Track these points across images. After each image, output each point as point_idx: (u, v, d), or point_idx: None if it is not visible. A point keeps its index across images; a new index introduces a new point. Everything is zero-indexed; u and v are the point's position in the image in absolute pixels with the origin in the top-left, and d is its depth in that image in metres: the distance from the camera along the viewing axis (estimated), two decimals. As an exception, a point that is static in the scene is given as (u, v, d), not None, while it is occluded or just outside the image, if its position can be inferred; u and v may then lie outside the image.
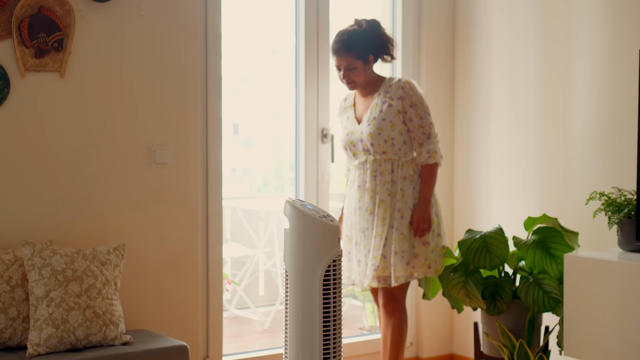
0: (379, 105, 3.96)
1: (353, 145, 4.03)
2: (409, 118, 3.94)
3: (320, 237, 2.38)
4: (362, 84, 4.01)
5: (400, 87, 3.95)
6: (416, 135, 3.95)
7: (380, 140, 3.93)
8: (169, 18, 4.05)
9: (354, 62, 3.96)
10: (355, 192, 4.03)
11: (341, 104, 4.21)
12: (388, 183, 3.94)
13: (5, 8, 3.66)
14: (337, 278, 2.37)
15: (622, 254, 3.67)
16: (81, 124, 3.87)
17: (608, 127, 4.15)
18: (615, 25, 4.11)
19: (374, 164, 3.97)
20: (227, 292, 6.10)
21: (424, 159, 3.96)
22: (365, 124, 3.98)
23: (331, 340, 2.38)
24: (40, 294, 3.46)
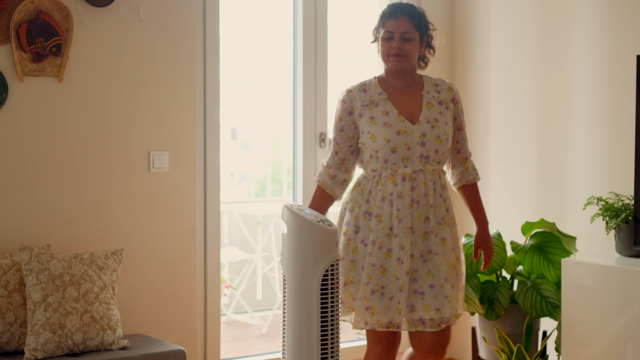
0: (434, 105, 3.31)
1: (407, 149, 3.24)
2: (459, 126, 3.37)
3: (318, 242, 2.39)
4: (409, 65, 3.31)
5: (450, 88, 3.38)
6: (462, 147, 3.39)
7: (446, 147, 3.28)
8: (167, 23, 4.05)
9: (413, 31, 3.27)
10: (406, 209, 3.23)
11: (357, 94, 3.35)
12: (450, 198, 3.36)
13: (3, 13, 3.66)
14: (334, 282, 2.39)
15: (620, 259, 3.67)
16: (79, 129, 3.87)
17: (606, 132, 4.15)
18: (613, 30, 4.11)
19: (434, 175, 3.30)
20: (225, 297, 6.09)
21: (472, 176, 3.43)
22: (425, 124, 3.26)
23: (329, 345, 2.41)
24: (37, 299, 3.46)
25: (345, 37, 5.84)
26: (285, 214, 2.43)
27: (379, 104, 3.29)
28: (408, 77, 3.33)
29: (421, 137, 3.24)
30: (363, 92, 3.33)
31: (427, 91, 3.33)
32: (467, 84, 4.91)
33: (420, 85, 3.35)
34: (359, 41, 6.14)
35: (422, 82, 3.36)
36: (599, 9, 4.17)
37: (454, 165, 3.41)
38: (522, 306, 3.97)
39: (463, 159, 3.41)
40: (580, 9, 4.26)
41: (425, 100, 3.31)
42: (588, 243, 4.20)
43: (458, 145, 3.39)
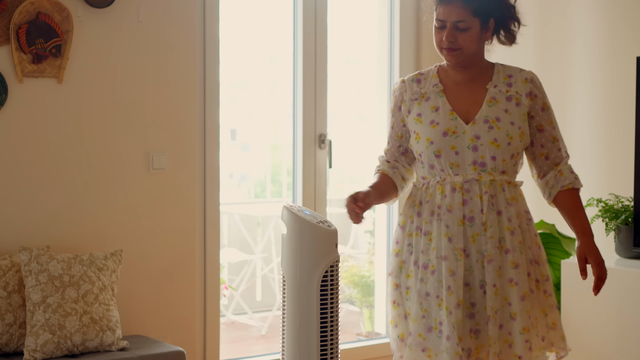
0: (501, 100, 2.70)
1: (455, 153, 2.67)
2: (538, 126, 2.74)
3: (317, 243, 2.38)
4: (469, 57, 2.71)
5: (527, 80, 2.74)
6: (550, 151, 2.75)
7: (507, 153, 2.67)
8: (167, 24, 4.05)
9: (470, 19, 2.65)
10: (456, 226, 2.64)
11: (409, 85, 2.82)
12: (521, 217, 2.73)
13: (3, 14, 3.66)
14: (334, 283, 2.39)
15: (620, 260, 3.68)
16: (79, 130, 3.87)
17: (605, 134, 4.16)
18: (612, 32, 4.11)
19: (492, 187, 2.67)
20: (225, 298, 6.09)
21: (569, 180, 2.74)
22: (482, 124, 2.67)
23: (328, 346, 2.40)
24: (37, 300, 3.46)
25: (345, 38, 5.84)
26: (284, 215, 2.43)
27: (430, 98, 2.75)
28: (471, 69, 2.75)
29: (473, 139, 2.66)
30: (416, 83, 2.80)
31: (494, 84, 2.73)
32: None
33: (488, 76, 2.76)
34: (359, 42, 6.14)
35: (492, 72, 2.76)
36: (598, 11, 4.17)
37: (545, 174, 2.78)
38: (522, 307, 3.96)
39: (554, 164, 2.76)
40: (579, 12, 4.26)
41: (490, 94, 2.71)
42: (587, 244, 4.19)
43: (544, 150, 2.75)
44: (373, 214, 6.56)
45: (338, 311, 2.44)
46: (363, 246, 6.75)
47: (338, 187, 6.80)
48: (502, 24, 2.74)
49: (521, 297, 2.61)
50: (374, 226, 6.80)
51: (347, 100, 6.42)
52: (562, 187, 2.74)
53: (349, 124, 6.61)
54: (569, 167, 2.77)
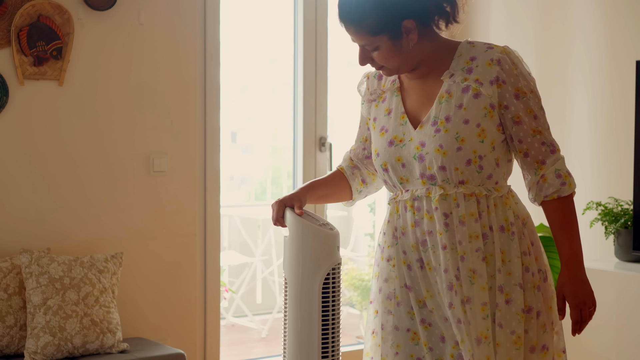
0: (455, 94, 2.20)
1: (402, 166, 2.26)
2: (514, 118, 2.19)
3: (319, 246, 2.33)
4: (403, 65, 2.23)
5: (494, 61, 2.18)
6: (531, 147, 2.20)
7: (459, 160, 2.17)
8: (168, 27, 4.06)
9: (372, 39, 2.19)
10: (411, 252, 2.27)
11: (370, 82, 2.41)
12: (477, 238, 2.17)
13: (4, 17, 3.67)
14: (336, 287, 2.35)
15: (619, 263, 3.68)
16: (80, 132, 3.88)
17: (605, 138, 4.16)
18: (612, 36, 4.12)
19: (443, 203, 2.19)
20: (225, 300, 6.10)
21: (554, 188, 2.20)
22: (429, 129, 2.21)
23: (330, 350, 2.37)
24: (37, 302, 3.47)
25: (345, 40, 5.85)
26: (287, 217, 2.38)
27: (387, 98, 2.34)
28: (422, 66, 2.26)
29: (419, 147, 2.21)
30: (378, 80, 2.39)
31: (451, 72, 2.22)
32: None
33: (445, 64, 2.24)
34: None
35: (453, 57, 2.24)
36: (598, 15, 4.18)
37: (526, 175, 2.26)
38: (522, 310, 3.97)
39: (536, 163, 2.21)
40: (579, 15, 4.27)
41: (444, 88, 2.21)
42: (587, 248, 4.20)
43: (522, 146, 2.20)
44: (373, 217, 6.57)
45: (339, 314, 2.40)
46: (363, 249, 6.76)
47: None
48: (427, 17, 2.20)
49: (476, 340, 2.15)
50: (373, 229, 6.81)
51: (347, 103, 6.43)
52: (546, 197, 2.21)
53: (349, 126, 6.61)
54: (555, 169, 2.21)
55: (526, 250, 2.22)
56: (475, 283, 2.16)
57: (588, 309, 2.22)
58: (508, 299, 2.17)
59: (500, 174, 2.23)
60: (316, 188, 2.43)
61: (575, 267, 2.20)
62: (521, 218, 2.25)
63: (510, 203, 2.24)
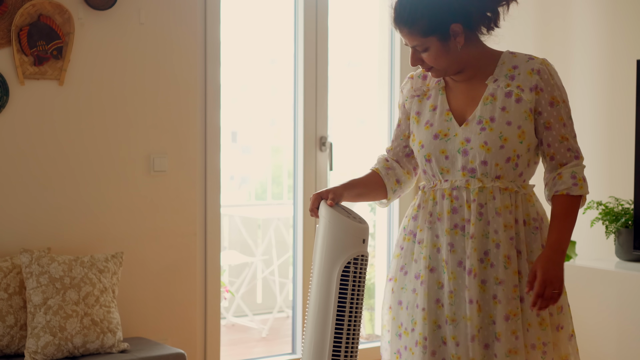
0: (499, 97, 2.43)
1: (445, 158, 2.47)
2: (546, 123, 2.43)
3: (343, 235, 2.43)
4: (450, 67, 2.47)
5: (534, 71, 2.43)
6: (557, 151, 2.44)
7: (501, 157, 2.41)
8: (168, 26, 4.06)
9: (422, 40, 2.41)
10: (444, 236, 2.46)
11: (414, 81, 2.61)
12: (511, 228, 2.42)
13: (4, 16, 3.67)
14: (357, 277, 2.42)
15: (620, 263, 3.68)
16: (80, 132, 3.88)
17: (606, 137, 4.16)
18: (613, 35, 4.12)
19: (481, 195, 2.43)
20: (225, 300, 6.10)
21: (565, 185, 2.43)
22: (474, 126, 2.44)
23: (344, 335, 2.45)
24: (37, 302, 3.46)
25: (346, 40, 5.85)
26: (320, 207, 2.49)
27: (432, 96, 2.54)
28: (467, 70, 2.49)
29: (464, 142, 2.44)
30: (422, 79, 2.59)
31: (495, 78, 2.46)
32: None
33: (490, 69, 2.48)
34: (360, 45, 6.15)
35: (496, 64, 2.48)
36: (598, 14, 4.18)
37: (548, 172, 2.50)
38: (522, 310, 3.97)
39: (559, 165, 2.46)
40: (580, 14, 4.26)
41: (489, 91, 2.45)
42: (588, 247, 4.20)
43: (550, 150, 2.45)
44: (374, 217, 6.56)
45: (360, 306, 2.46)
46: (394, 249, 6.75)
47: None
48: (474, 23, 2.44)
49: (505, 317, 2.38)
50: (374, 229, 6.81)
51: (347, 103, 6.43)
52: (557, 191, 2.44)
53: (349, 126, 6.62)
54: (572, 171, 2.43)
55: (545, 243, 2.45)
56: (509, 268, 2.40)
57: (552, 290, 2.37)
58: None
59: (529, 174, 2.49)
60: (354, 186, 2.60)
61: (555, 252, 2.39)
62: (540, 215, 2.49)
63: (533, 201, 2.49)
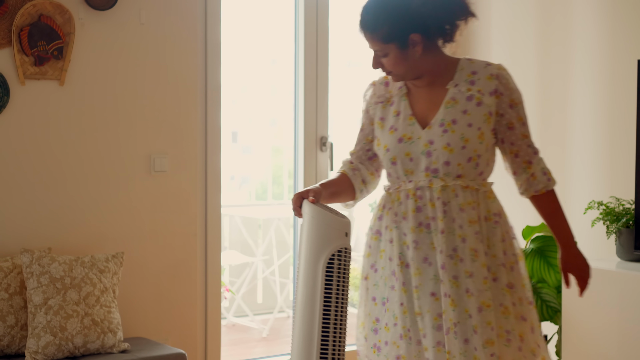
0: (460, 101, 2.56)
1: (409, 160, 2.59)
2: (508, 124, 2.60)
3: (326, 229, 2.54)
4: (409, 73, 2.59)
5: (492, 76, 2.57)
6: (520, 149, 2.63)
7: (462, 157, 2.55)
8: (169, 27, 4.06)
9: (383, 46, 2.55)
10: (410, 233, 2.57)
11: (377, 88, 2.74)
12: (475, 223, 2.55)
13: (5, 16, 3.67)
14: (341, 268, 2.54)
15: (621, 263, 3.68)
16: (80, 132, 3.88)
17: (606, 137, 4.16)
18: (614, 35, 4.12)
19: (444, 193, 2.55)
20: (226, 300, 6.10)
21: (543, 183, 2.64)
22: (437, 129, 2.55)
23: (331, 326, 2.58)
24: (38, 302, 3.46)
25: (346, 41, 5.85)
26: (303, 205, 2.59)
27: (394, 102, 2.66)
28: (427, 75, 2.61)
29: (427, 145, 2.56)
30: (384, 86, 2.70)
31: (455, 83, 2.58)
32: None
33: (449, 75, 2.60)
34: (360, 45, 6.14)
35: (455, 70, 2.60)
36: (599, 13, 4.18)
37: (516, 172, 2.68)
38: (523, 310, 3.97)
39: (525, 162, 2.64)
40: (580, 14, 4.26)
41: (450, 95, 2.57)
42: (589, 247, 4.19)
43: (514, 148, 2.63)
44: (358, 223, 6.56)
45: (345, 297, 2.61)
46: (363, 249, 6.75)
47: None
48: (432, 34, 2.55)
49: (478, 309, 2.49)
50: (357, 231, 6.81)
51: (348, 103, 6.43)
52: (536, 191, 2.65)
53: (350, 126, 6.61)
54: (541, 167, 2.64)
55: (504, 237, 2.60)
56: (476, 260, 2.52)
57: (589, 277, 2.66)
58: (495, 277, 2.55)
59: (488, 172, 2.65)
60: (330, 186, 2.72)
61: (571, 247, 2.66)
62: (499, 210, 2.64)
63: (493, 197, 2.64)
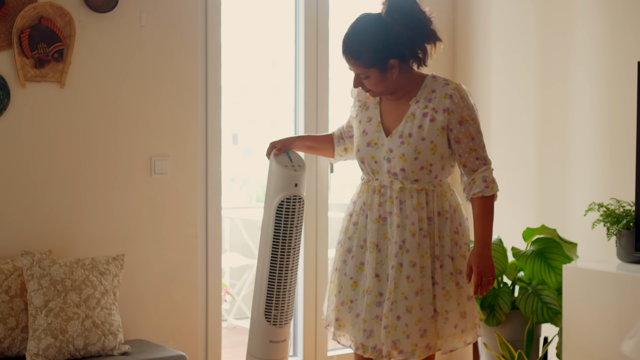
0: (418, 117, 2.95)
1: (375, 162, 3.02)
2: (456, 138, 2.95)
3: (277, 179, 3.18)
4: (385, 91, 3.00)
5: (447, 95, 2.94)
6: (467, 160, 2.96)
7: (415, 166, 2.95)
8: (169, 29, 4.06)
9: (365, 70, 2.95)
10: (372, 223, 3.01)
11: (360, 91, 3.15)
12: (423, 221, 2.97)
13: (5, 19, 3.67)
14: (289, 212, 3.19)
15: (621, 265, 3.68)
16: (81, 134, 3.88)
17: (607, 139, 4.16)
18: (614, 36, 4.12)
19: (401, 193, 2.98)
20: (226, 302, 6.10)
21: (479, 189, 2.96)
22: (396, 139, 2.97)
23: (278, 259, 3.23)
24: (39, 304, 3.47)
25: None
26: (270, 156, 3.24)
27: (369, 108, 3.09)
28: (397, 92, 3.01)
29: (388, 152, 2.98)
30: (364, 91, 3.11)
31: (417, 99, 2.97)
32: (469, 89, 4.91)
33: (414, 92, 2.99)
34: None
35: (420, 87, 2.99)
36: (600, 15, 4.18)
37: (463, 177, 3.03)
38: (523, 312, 3.97)
39: (472, 171, 2.97)
40: (581, 16, 4.26)
41: (411, 110, 2.97)
42: (589, 249, 4.20)
43: (462, 159, 2.97)
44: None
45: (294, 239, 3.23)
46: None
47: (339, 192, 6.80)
48: (407, 58, 2.94)
49: (416, 292, 2.94)
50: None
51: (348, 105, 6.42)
52: (473, 194, 2.97)
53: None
54: (483, 175, 2.96)
55: (456, 230, 3.02)
56: (419, 252, 2.95)
57: (487, 278, 2.94)
58: (441, 265, 2.98)
59: (444, 175, 3.02)
60: (307, 139, 3.35)
61: (483, 247, 2.95)
62: (453, 206, 3.03)
63: (447, 195, 3.03)
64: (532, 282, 4.06)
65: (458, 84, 2.98)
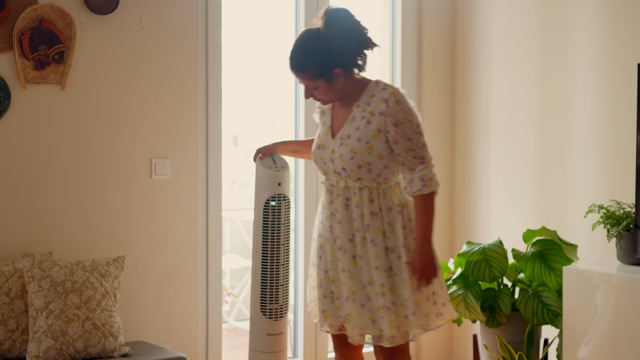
0: (357, 119, 3.17)
1: (324, 163, 3.26)
2: (394, 139, 3.12)
3: (262, 180, 3.45)
4: (336, 98, 3.23)
5: (383, 99, 3.13)
6: (405, 159, 3.13)
7: (353, 165, 3.15)
8: (170, 30, 4.06)
9: (313, 82, 3.18)
10: (325, 220, 3.27)
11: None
12: (366, 217, 3.18)
13: (6, 21, 3.68)
14: (275, 209, 3.45)
15: (621, 266, 3.68)
16: (81, 136, 3.88)
17: (607, 140, 4.16)
18: (614, 38, 4.12)
19: (345, 191, 3.20)
20: (226, 304, 6.10)
21: (417, 187, 3.13)
22: (337, 141, 3.19)
23: (269, 252, 3.44)
24: (39, 306, 3.47)
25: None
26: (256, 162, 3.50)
27: (325, 114, 3.33)
28: (345, 98, 3.22)
29: (331, 153, 3.21)
30: None
31: (358, 104, 3.18)
32: (468, 94, 4.92)
33: (358, 96, 3.20)
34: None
35: (363, 92, 3.19)
36: (599, 18, 4.18)
37: (404, 176, 3.20)
38: (524, 314, 3.97)
39: (410, 169, 3.14)
40: (581, 18, 4.27)
41: (352, 114, 3.19)
42: (589, 251, 4.20)
43: (400, 158, 3.15)
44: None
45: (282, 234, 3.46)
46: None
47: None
48: (349, 66, 3.15)
49: (368, 282, 3.17)
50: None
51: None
52: (413, 193, 3.15)
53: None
54: (421, 175, 3.12)
55: (406, 223, 3.18)
56: (365, 245, 3.16)
57: (428, 272, 3.13)
58: (399, 256, 3.15)
59: (389, 173, 3.18)
60: (290, 143, 3.61)
61: (423, 244, 3.15)
62: (402, 202, 3.20)
63: (396, 191, 3.21)
64: (533, 284, 4.06)
65: (395, 89, 3.15)
